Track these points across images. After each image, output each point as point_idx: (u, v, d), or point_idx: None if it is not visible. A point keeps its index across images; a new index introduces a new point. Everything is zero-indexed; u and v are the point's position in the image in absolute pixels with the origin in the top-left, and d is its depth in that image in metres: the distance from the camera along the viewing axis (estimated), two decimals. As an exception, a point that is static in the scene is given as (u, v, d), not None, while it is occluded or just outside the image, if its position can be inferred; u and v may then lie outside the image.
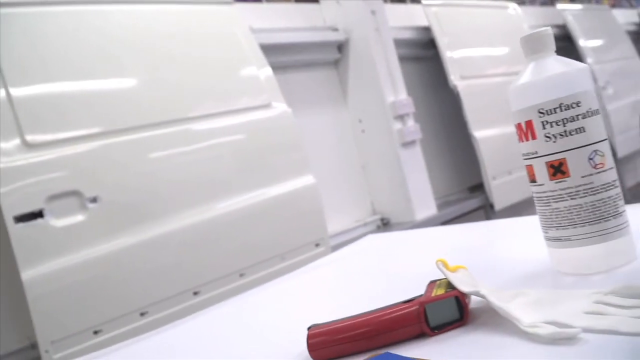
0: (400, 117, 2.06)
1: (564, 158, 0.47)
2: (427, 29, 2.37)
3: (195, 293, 1.29)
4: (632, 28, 4.19)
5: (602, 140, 0.47)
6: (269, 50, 1.73)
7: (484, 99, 2.23)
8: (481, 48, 2.48)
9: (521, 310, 0.40)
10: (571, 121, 0.46)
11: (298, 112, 1.89)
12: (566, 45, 3.28)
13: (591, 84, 0.48)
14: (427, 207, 2.09)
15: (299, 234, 1.53)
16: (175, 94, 1.39)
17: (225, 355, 0.52)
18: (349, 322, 0.43)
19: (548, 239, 0.50)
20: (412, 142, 2.08)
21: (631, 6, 4.59)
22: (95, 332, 1.13)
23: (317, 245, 1.57)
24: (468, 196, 2.37)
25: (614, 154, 3.16)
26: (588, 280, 0.46)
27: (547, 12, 3.41)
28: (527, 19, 3.01)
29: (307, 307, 0.54)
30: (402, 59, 2.18)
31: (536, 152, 0.48)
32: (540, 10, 3.46)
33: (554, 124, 0.47)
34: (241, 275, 1.39)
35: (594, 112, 0.47)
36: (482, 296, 0.41)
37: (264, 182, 1.48)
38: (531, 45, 0.49)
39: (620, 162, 3.35)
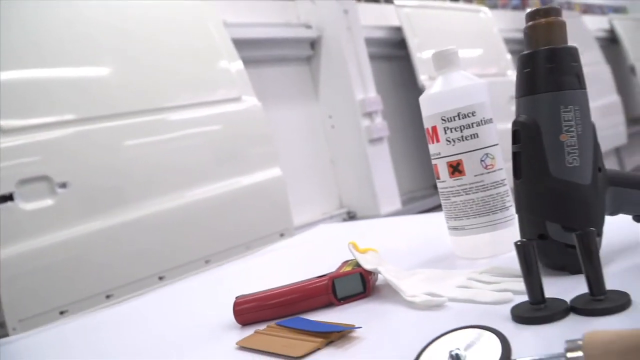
0: (369, 115, 2.13)
1: (461, 159, 0.55)
2: (398, 29, 2.45)
3: (161, 278, 1.35)
4: (602, 34, 4.34)
5: (493, 145, 0.55)
6: (242, 44, 1.78)
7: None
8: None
9: (409, 284, 0.48)
10: (467, 128, 0.55)
11: (270, 107, 1.95)
12: (535, 49, 3.40)
13: (487, 97, 0.56)
14: (392, 202, 2.18)
15: (264, 224, 1.59)
16: (146, 84, 1.43)
17: (172, 324, 0.59)
18: (269, 293, 0.51)
19: (448, 228, 0.58)
20: (380, 139, 2.16)
21: (602, 13, 4.75)
22: (62, 313, 1.18)
23: (281, 235, 1.63)
24: (432, 193, 2.47)
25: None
26: (476, 263, 0.54)
27: (517, 17, 3.52)
28: (498, 23, 3.12)
29: (246, 284, 0.61)
30: (373, 57, 2.26)
31: (439, 153, 0.56)
32: (511, 14, 3.57)
33: (453, 129, 0.55)
34: (206, 262, 1.45)
35: (487, 121, 0.55)
36: (380, 273, 0.49)
37: (233, 173, 1.53)
38: (439, 62, 0.57)
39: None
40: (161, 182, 1.37)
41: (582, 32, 3.83)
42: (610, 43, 4.38)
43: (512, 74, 2.86)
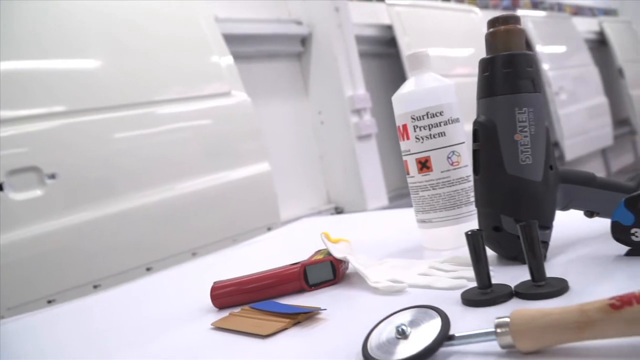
0: (358, 111, 2.17)
1: (429, 156, 0.58)
2: (389, 28, 2.48)
3: (148, 269, 1.37)
4: (592, 36, 4.39)
5: (459, 143, 0.59)
6: (233, 40, 1.80)
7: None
8: (441, 49, 2.60)
9: (375, 272, 0.51)
10: (435, 126, 0.58)
11: (261, 102, 1.98)
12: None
13: (454, 98, 0.59)
14: (379, 198, 2.21)
15: (252, 218, 1.61)
16: (136, 77, 1.45)
17: (154, 308, 0.62)
18: (245, 279, 0.54)
19: (417, 221, 0.61)
20: (368, 136, 2.19)
21: (593, 15, 4.80)
22: (49, 302, 1.20)
23: (268, 229, 1.66)
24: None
25: (562, 157, 3.37)
26: (441, 254, 0.57)
27: (508, 18, 3.55)
28: (488, 23, 3.15)
29: (226, 272, 0.64)
30: (363, 55, 2.29)
31: (409, 150, 0.60)
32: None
33: (422, 128, 0.58)
34: (193, 254, 1.48)
35: (454, 120, 0.59)
36: (349, 261, 0.53)
37: (221, 167, 1.56)
38: (412, 63, 0.60)
39: (568, 166, 3.56)
40: (150, 174, 1.39)
41: (572, 33, 3.88)
42: (600, 45, 4.44)
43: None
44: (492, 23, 0.49)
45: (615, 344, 0.29)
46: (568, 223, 0.52)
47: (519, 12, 3.49)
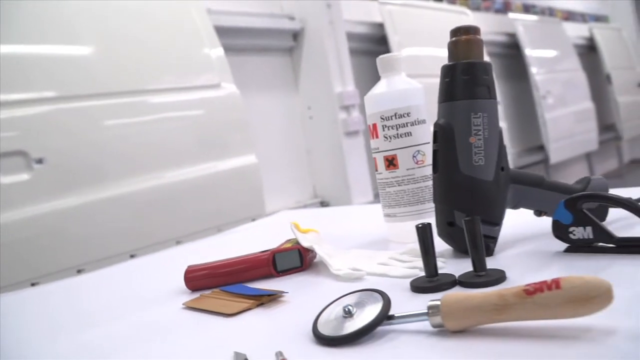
0: (346, 108, 2.20)
1: (396, 154, 0.62)
2: (380, 26, 2.51)
3: (132, 256, 1.40)
4: (582, 42, 4.45)
5: (424, 143, 0.62)
6: (226, 32, 1.82)
7: (427, 97, 2.40)
8: (431, 49, 2.64)
9: (338, 261, 0.55)
10: (402, 127, 0.61)
11: (251, 95, 2.00)
12: (514, 53, 3.50)
13: (423, 100, 0.63)
14: (364, 194, 2.25)
15: (237, 209, 1.64)
16: (127, 66, 1.47)
17: (132, 290, 0.65)
18: (217, 263, 0.57)
19: (384, 215, 0.65)
20: (356, 132, 2.23)
21: (584, 21, 4.86)
22: (33, 284, 1.23)
23: (253, 220, 1.69)
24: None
25: (547, 160, 3.43)
26: (404, 246, 0.61)
27: (499, 20, 3.60)
28: (480, 25, 3.19)
29: (203, 258, 0.67)
30: (354, 52, 2.32)
31: (378, 148, 0.63)
32: (493, 17, 3.65)
33: (390, 127, 0.62)
34: (178, 242, 1.51)
35: (421, 122, 0.62)
36: (314, 250, 0.56)
37: (209, 158, 1.58)
38: (383, 66, 0.64)
39: (553, 168, 3.62)
40: (137, 163, 1.41)
41: (562, 38, 3.93)
42: (589, 51, 4.50)
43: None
44: (454, 33, 0.52)
45: (529, 325, 0.33)
46: (518, 221, 0.56)
47: (511, 16, 3.53)
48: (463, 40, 0.52)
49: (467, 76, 0.51)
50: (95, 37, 1.42)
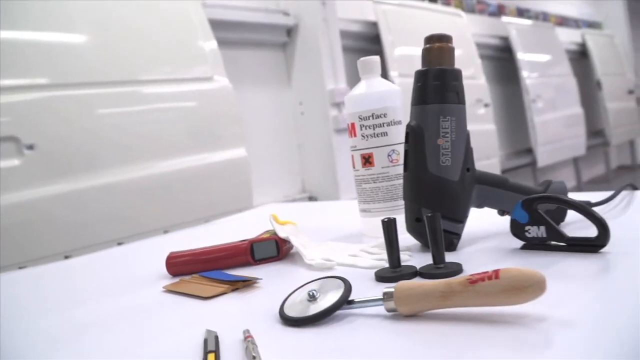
0: (337, 105, 2.23)
1: (372, 152, 0.65)
2: (374, 25, 2.54)
3: (119, 243, 1.42)
4: (574, 48, 4.51)
5: (399, 143, 0.65)
6: (220, 25, 1.84)
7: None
8: (424, 50, 2.67)
9: (312, 251, 0.58)
10: (379, 127, 0.65)
11: (243, 89, 2.02)
12: (506, 56, 3.54)
13: (399, 102, 0.66)
14: (352, 190, 2.28)
15: (225, 201, 1.66)
16: (121, 56, 1.49)
17: (116, 274, 0.68)
18: (197, 251, 0.60)
19: (359, 210, 0.68)
20: (346, 129, 2.26)
21: (577, 26, 4.91)
22: (20, 268, 1.25)
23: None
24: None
25: (535, 162, 3.48)
26: (377, 240, 0.64)
27: (493, 23, 3.64)
28: (473, 27, 3.23)
29: (187, 246, 0.70)
30: (347, 49, 2.35)
31: (356, 146, 0.67)
32: (487, 20, 3.69)
33: (367, 127, 0.65)
34: (165, 232, 1.53)
35: (397, 122, 0.65)
36: (290, 241, 0.60)
37: (199, 150, 1.60)
38: (363, 68, 0.67)
39: (540, 172, 3.67)
40: (127, 152, 1.44)
41: (554, 43, 3.98)
42: (581, 57, 4.56)
43: (480, 78, 2.99)
44: (428, 40, 0.56)
45: (471, 311, 0.36)
46: (483, 219, 0.59)
47: (504, 19, 3.57)
48: (436, 47, 0.55)
49: (438, 82, 0.54)
50: (91, 26, 1.44)
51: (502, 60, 3.59)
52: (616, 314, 0.35)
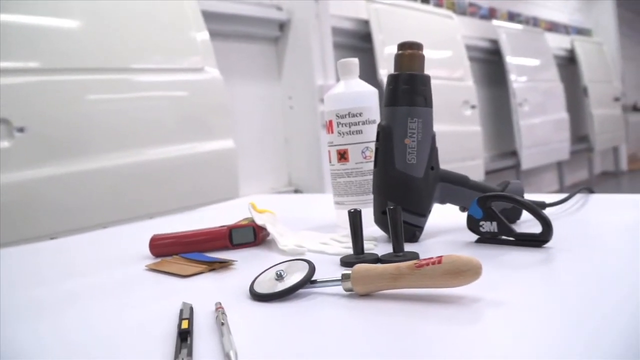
0: (326, 100, 2.27)
1: (347, 149, 0.70)
2: (366, 23, 2.58)
3: (104, 227, 1.45)
4: (562, 54, 4.58)
5: (373, 141, 0.70)
6: (213, 17, 1.87)
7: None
8: (414, 49, 2.72)
9: (286, 238, 0.63)
10: (354, 125, 0.69)
11: (234, 81, 2.06)
12: (495, 59, 3.60)
13: (375, 103, 0.71)
14: (337, 184, 2.33)
15: (211, 191, 1.70)
16: (113, 43, 1.51)
17: (100, 255, 0.72)
18: (179, 234, 0.64)
19: (334, 202, 0.73)
20: (333, 125, 2.30)
21: (567, 32, 4.98)
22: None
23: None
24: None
25: (519, 165, 3.56)
26: (347, 230, 0.69)
27: (483, 26, 3.70)
28: (464, 30, 3.28)
29: (169, 230, 0.74)
30: (338, 46, 2.39)
31: (332, 142, 0.71)
32: (478, 23, 3.75)
33: (344, 125, 0.69)
34: (150, 218, 1.56)
35: (372, 122, 0.70)
36: (266, 228, 0.64)
37: (188, 139, 1.64)
38: (342, 69, 0.71)
39: (524, 174, 3.75)
40: (116, 138, 1.46)
41: (543, 49, 4.05)
42: (569, 63, 4.64)
43: (468, 80, 3.04)
44: (401, 47, 0.60)
45: (418, 292, 0.41)
46: (445, 215, 0.64)
47: (495, 23, 3.63)
48: (407, 54, 0.59)
49: (408, 86, 0.58)
50: (85, 12, 1.46)
51: (490, 63, 3.65)
52: (544, 297, 0.40)
